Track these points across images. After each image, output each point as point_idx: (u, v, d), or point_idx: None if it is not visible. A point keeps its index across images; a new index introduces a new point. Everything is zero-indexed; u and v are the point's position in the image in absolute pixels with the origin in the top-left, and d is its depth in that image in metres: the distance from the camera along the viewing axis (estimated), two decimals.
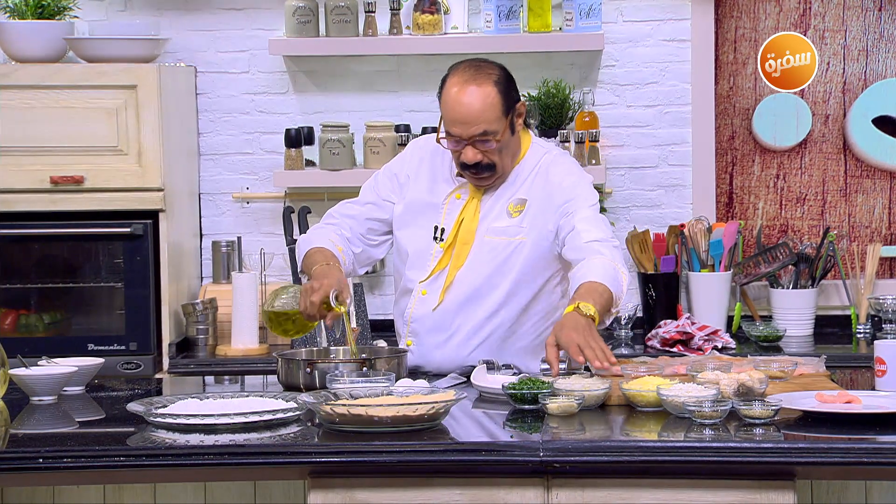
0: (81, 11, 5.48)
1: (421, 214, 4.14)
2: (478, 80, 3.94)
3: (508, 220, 4.06)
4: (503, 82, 3.98)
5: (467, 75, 3.96)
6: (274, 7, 5.61)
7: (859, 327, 5.45)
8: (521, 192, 4.07)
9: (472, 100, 3.93)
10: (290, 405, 3.45)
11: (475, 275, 4.05)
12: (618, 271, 3.86)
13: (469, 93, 3.93)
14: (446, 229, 4.09)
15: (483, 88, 3.93)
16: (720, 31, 5.61)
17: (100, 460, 3.23)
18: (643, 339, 5.34)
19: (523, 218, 4.05)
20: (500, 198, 4.08)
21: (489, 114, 3.93)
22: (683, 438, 3.23)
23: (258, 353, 5.22)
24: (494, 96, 3.94)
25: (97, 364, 3.96)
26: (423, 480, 3.22)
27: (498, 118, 3.94)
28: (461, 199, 4.10)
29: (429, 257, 4.10)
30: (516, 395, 3.51)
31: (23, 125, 5.16)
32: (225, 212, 5.69)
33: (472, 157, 3.97)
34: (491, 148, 3.96)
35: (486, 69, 3.98)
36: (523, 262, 4.04)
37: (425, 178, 4.17)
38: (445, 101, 3.98)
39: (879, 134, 5.61)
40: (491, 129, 3.94)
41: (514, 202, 4.07)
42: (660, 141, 5.63)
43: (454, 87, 3.96)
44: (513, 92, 4.01)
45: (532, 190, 4.07)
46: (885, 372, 3.64)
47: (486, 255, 4.06)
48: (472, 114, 3.93)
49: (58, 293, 5.28)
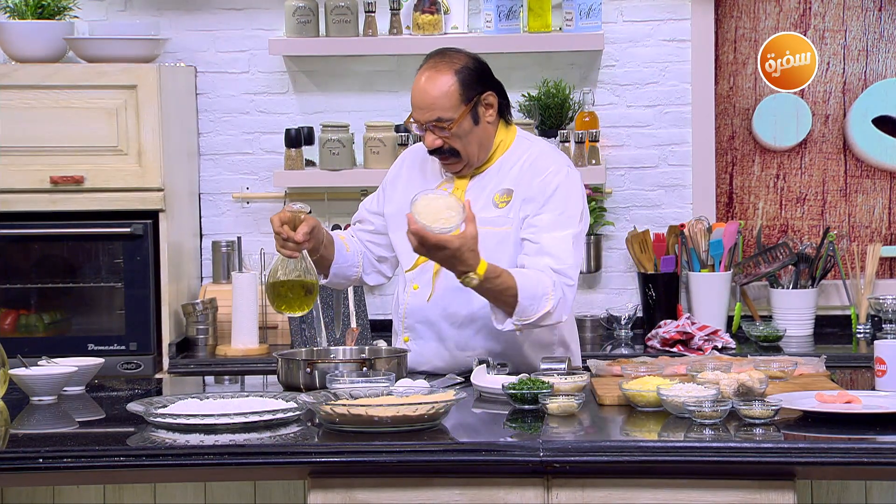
0: (81, 11, 5.48)
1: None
2: (438, 68, 3.99)
3: (495, 210, 4.05)
4: (465, 71, 4.00)
5: (432, 62, 4.02)
6: (274, 7, 5.61)
7: (859, 327, 5.45)
8: (507, 183, 4.07)
9: (430, 86, 3.98)
10: (290, 405, 3.45)
11: None
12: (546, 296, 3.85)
13: (427, 79, 3.99)
14: None
15: (442, 76, 3.98)
16: (720, 31, 5.61)
17: (100, 460, 3.23)
18: (643, 339, 5.34)
19: (510, 209, 4.05)
20: (484, 188, 4.08)
21: (444, 101, 3.96)
22: (683, 438, 3.23)
23: (258, 353, 5.23)
24: (452, 84, 3.97)
25: (97, 364, 3.96)
26: (423, 480, 3.22)
27: (454, 106, 3.97)
28: (447, 192, 4.10)
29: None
30: (516, 395, 3.51)
31: (23, 125, 5.16)
32: (225, 212, 5.70)
33: (431, 143, 4.01)
34: (445, 135, 3.99)
35: (450, 57, 4.03)
36: (511, 252, 4.03)
37: (416, 180, 4.18)
38: (412, 87, 4.05)
39: (879, 134, 5.61)
40: (445, 116, 3.97)
41: (500, 192, 4.07)
42: (660, 141, 5.63)
43: (419, 74, 4.02)
44: (478, 83, 4.02)
45: (520, 181, 4.06)
46: (885, 372, 3.64)
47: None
48: (427, 100, 3.98)
49: (58, 293, 5.29)
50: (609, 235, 5.63)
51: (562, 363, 3.80)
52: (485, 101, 4.03)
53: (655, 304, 5.44)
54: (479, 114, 4.02)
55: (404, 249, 4.09)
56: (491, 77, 4.08)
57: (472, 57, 4.06)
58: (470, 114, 3.99)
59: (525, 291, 3.84)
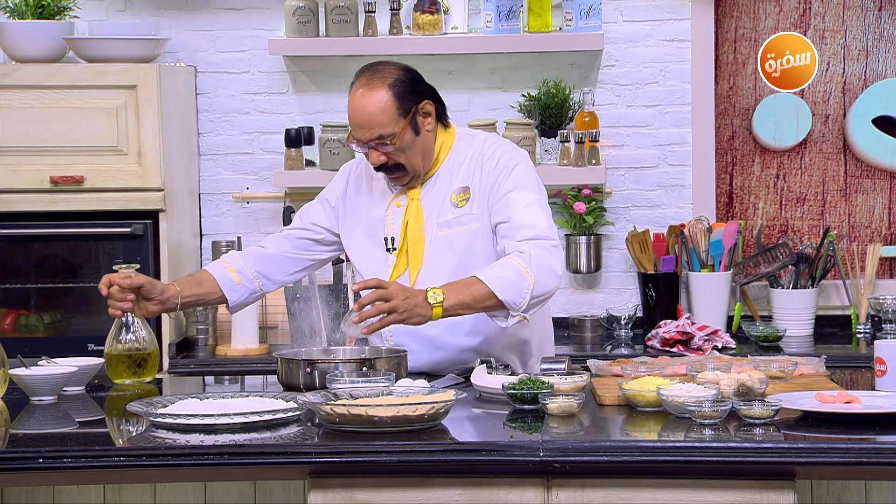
0: (81, 11, 5.48)
1: (368, 234, 4.12)
2: (371, 85, 3.94)
3: (456, 210, 4.03)
4: (399, 84, 3.95)
5: (363, 80, 3.97)
6: (274, 7, 5.61)
7: (859, 327, 5.45)
8: (460, 181, 4.05)
9: (365, 104, 3.93)
10: (290, 405, 3.45)
11: (438, 271, 4.00)
12: (524, 276, 3.79)
13: (361, 97, 3.94)
14: (396, 237, 4.07)
15: (376, 93, 3.93)
16: (720, 31, 5.61)
17: (100, 460, 3.23)
18: (643, 339, 5.34)
19: (471, 205, 4.02)
20: (439, 192, 4.06)
21: (381, 118, 3.92)
22: (683, 438, 3.23)
23: (258, 353, 5.23)
24: (387, 100, 3.92)
25: (97, 364, 3.96)
26: (423, 480, 3.22)
27: (392, 121, 3.92)
28: (401, 206, 4.07)
29: (385, 269, 4.08)
30: (516, 395, 3.51)
31: (23, 125, 5.16)
32: (225, 212, 5.70)
33: (375, 160, 3.97)
34: (389, 150, 3.95)
35: (381, 72, 3.97)
36: (486, 246, 4.02)
37: (364, 196, 4.15)
38: (348, 107, 3.99)
39: (879, 134, 5.61)
40: (386, 133, 3.92)
41: (456, 192, 4.04)
42: (660, 141, 5.63)
43: (353, 92, 3.97)
44: (413, 93, 3.97)
45: (472, 175, 4.04)
46: (885, 372, 3.64)
47: (442, 250, 4.03)
48: (365, 118, 3.92)
49: (58, 293, 5.29)
50: (609, 235, 5.63)
51: (562, 363, 3.80)
52: (422, 111, 3.99)
53: (655, 304, 5.44)
54: (419, 123, 3.98)
55: (374, 267, 4.07)
56: (424, 84, 4.03)
57: (401, 68, 4.01)
58: (410, 126, 3.96)
59: (500, 287, 3.77)
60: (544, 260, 3.84)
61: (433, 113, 4.02)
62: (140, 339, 3.95)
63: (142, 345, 3.95)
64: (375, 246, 4.10)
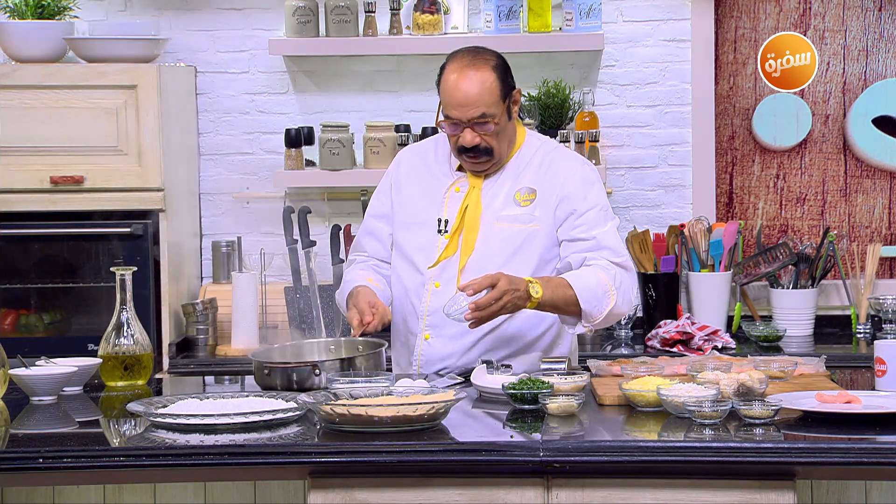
0: (81, 11, 5.48)
1: (423, 211, 4.16)
2: (476, 65, 4.02)
3: (518, 208, 4.10)
4: (500, 68, 4.06)
5: (465, 61, 4.04)
6: (274, 7, 5.61)
7: (859, 327, 5.45)
8: (527, 182, 4.11)
9: (471, 83, 4.00)
10: (290, 405, 3.45)
11: (488, 261, 4.05)
12: (608, 294, 3.96)
13: (468, 77, 4.01)
14: (450, 220, 4.11)
15: (481, 73, 4.01)
16: (720, 31, 5.61)
17: (100, 460, 3.24)
18: (643, 339, 5.34)
19: (535, 207, 4.09)
20: (502, 186, 4.12)
21: (487, 97, 4.00)
22: (683, 438, 3.23)
23: None
24: (492, 81, 4.01)
25: (97, 364, 3.96)
26: (423, 480, 3.22)
27: (496, 102, 4.02)
28: (461, 192, 4.13)
29: (434, 250, 4.11)
30: (516, 395, 3.51)
31: (23, 125, 5.16)
32: (225, 212, 5.70)
33: (471, 140, 4.03)
34: (489, 131, 4.02)
35: (483, 55, 4.06)
36: (541, 248, 4.09)
37: (422, 177, 4.20)
38: (444, 86, 4.05)
39: (879, 134, 5.61)
40: (489, 112, 4.00)
41: (521, 191, 4.11)
42: (660, 141, 5.63)
43: (453, 73, 4.03)
44: (509, 79, 4.08)
45: (542, 181, 4.11)
46: (885, 372, 3.64)
47: (497, 242, 4.08)
48: (471, 97, 4.00)
49: (58, 293, 5.29)
50: None
51: (562, 363, 3.81)
52: (514, 98, 4.10)
53: (655, 304, 5.44)
54: (511, 110, 4.09)
55: (421, 246, 4.11)
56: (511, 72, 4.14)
57: (498, 55, 4.11)
58: (506, 110, 4.06)
59: (585, 297, 3.92)
60: (626, 285, 4.03)
61: (520, 102, 4.13)
62: (134, 342, 3.94)
63: (134, 348, 3.95)
64: (426, 226, 4.14)
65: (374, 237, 4.29)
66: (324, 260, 5.39)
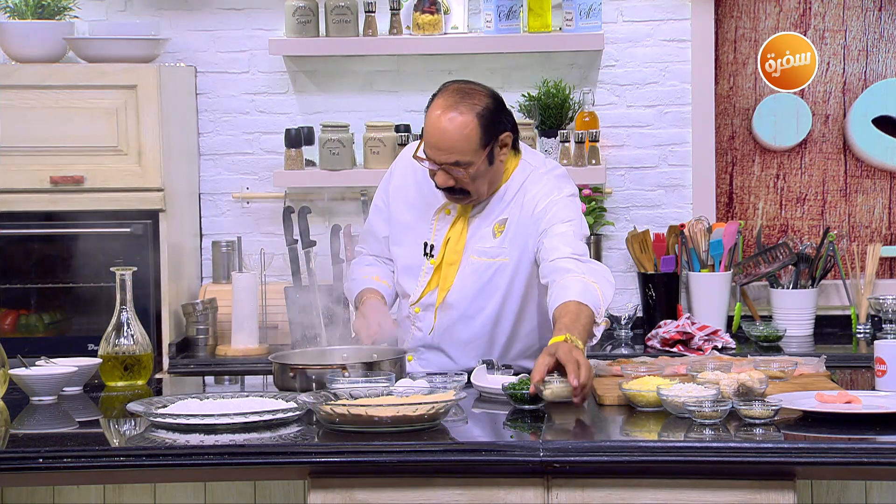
0: (81, 11, 5.48)
1: (411, 230, 4.12)
2: (460, 108, 3.85)
3: (492, 240, 4.03)
4: (487, 114, 3.87)
5: (452, 100, 3.87)
6: (274, 7, 5.61)
7: (859, 327, 5.45)
8: (504, 212, 4.04)
9: (450, 128, 3.84)
10: (290, 405, 3.45)
11: (462, 297, 4.05)
12: (591, 287, 3.75)
13: (448, 119, 3.85)
14: (436, 246, 4.08)
15: (463, 118, 3.84)
16: (720, 31, 5.61)
17: (100, 460, 3.23)
18: (643, 339, 5.34)
19: (504, 238, 4.01)
20: (487, 217, 4.05)
21: (463, 145, 3.85)
22: (683, 438, 3.23)
23: (258, 353, 5.22)
24: (473, 128, 3.85)
25: (97, 364, 3.96)
26: (423, 480, 3.22)
27: (473, 150, 3.86)
28: (450, 216, 4.07)
29: (419, 273, 4.09)
30: (516, 395, 3.51)
31: (23, 125, 5.16)
32: (225, 212, 5.70)
33: (443, 182, 3.92)
34: (459, 175, 3.90)
35: (471, 98, 3.88)
36: (507, 283, 4.02)
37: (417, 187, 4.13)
38: (427, 121, 3.90)
39: (879, 134, 5.61)
40: (463, 161, 3.86)
41: (498, 222, 4.04)
42: (660, 141, 5.63)
43: (437, 110, 3.87)
44: (497, 124, 3.90)
45: (512, 209, 4.02)
46: (885, 372, 3.64)
47: (469, 276, 4.05)
48: (446, 142, 3.85)
49: (58, 293, 5.28)
50: (609, 235, 5.63)
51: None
52: (501, 142, 3.94)
53: (655, 304, 5.44)
54: (495, 154, 3.93)
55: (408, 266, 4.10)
56: (506, 112, 3.96)
57: (490, 95, 3.92)
58: (486, 157, 3.91)
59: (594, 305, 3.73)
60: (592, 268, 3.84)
61: (510, 144, 3.96)
62: (133, 343, 3.94)
63: (134, 348, 3.95)
64: (415, 245, 4.11)
65: (374, 237, 4.29)
66: (324, 260, 5.39)
